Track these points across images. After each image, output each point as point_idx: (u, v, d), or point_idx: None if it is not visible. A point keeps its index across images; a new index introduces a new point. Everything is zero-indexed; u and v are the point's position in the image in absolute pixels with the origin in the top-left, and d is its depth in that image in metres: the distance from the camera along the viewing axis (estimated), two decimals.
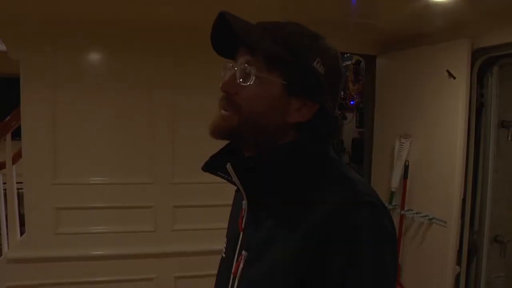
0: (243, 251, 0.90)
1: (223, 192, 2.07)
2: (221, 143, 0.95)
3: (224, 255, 1.02)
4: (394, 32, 2.99)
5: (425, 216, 2.80)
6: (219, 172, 0.91)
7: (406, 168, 2.97)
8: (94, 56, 2.83)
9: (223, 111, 0.88)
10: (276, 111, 0.87)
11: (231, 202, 1.11)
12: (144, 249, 2.83)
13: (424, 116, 2.87)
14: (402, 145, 3.00)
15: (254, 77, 0.85)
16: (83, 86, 2.76)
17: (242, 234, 0.94)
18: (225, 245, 1.03)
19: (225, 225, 1.09)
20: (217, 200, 2.71)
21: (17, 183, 2.93)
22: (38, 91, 2.68)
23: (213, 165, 0.93)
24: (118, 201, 2.82)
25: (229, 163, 0.87)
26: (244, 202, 0.94)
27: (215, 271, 1.07)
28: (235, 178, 0.88)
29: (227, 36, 0.85)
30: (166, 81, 2.83)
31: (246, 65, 0.85)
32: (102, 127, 2.80)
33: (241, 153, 0.93)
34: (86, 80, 2.76)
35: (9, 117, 2.83)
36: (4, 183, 3.03)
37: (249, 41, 0.85)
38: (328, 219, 0.79)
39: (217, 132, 0.89)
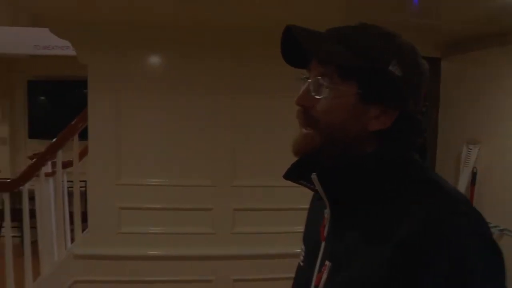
0: (327, 261, 0.88)
1: (285, 196, 2.05)
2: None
3: (302, 264, 0.99)
4: (461, 33, 2.87)
5: (495, 226, 2.66)
6: (301, 181, 0.89)
7: (474, 175, 2.84)
8: (157, 60, 2.89)
9: (304, 130, 0.86)
10: (354, 121, 0.84)
11: (294, 206, 1.09)
12: (203, 251, 2.85)
13: (495, 121, 2.73)
14: (469, 151, 2.87)
15: (327, 89, 0.82)
16: (146, 89, 2.83)
17: (325, 244, 0.91)
18: (302, 253, 1.00)
19: (288, 229, 1.07)
20: (279, 204, 2.70)
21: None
22: (104, 94, 2.78)
23: (295, 173, 0.91)
24: (178, 203, 2.86)
25: (314, 173, 0.85)
26: (327, 211, 0.91)
27: (274, 275, 1.05)
28: (319, 188, 0.86)
29: (297, 47, 0.84)
30: (227, 83, 2.84)
31: (319, 77, 0.83)
32: (164, 129, 2.86)
33: (322, 160, 0.89)
34: (149, 84, 2.83)
35: (76, 119, 2.95)
36: (68, 181, 3.16)
37: (319, 53, 0.83)
38: (421, 230, 0.74)
39: (300, 152, 0.87)
